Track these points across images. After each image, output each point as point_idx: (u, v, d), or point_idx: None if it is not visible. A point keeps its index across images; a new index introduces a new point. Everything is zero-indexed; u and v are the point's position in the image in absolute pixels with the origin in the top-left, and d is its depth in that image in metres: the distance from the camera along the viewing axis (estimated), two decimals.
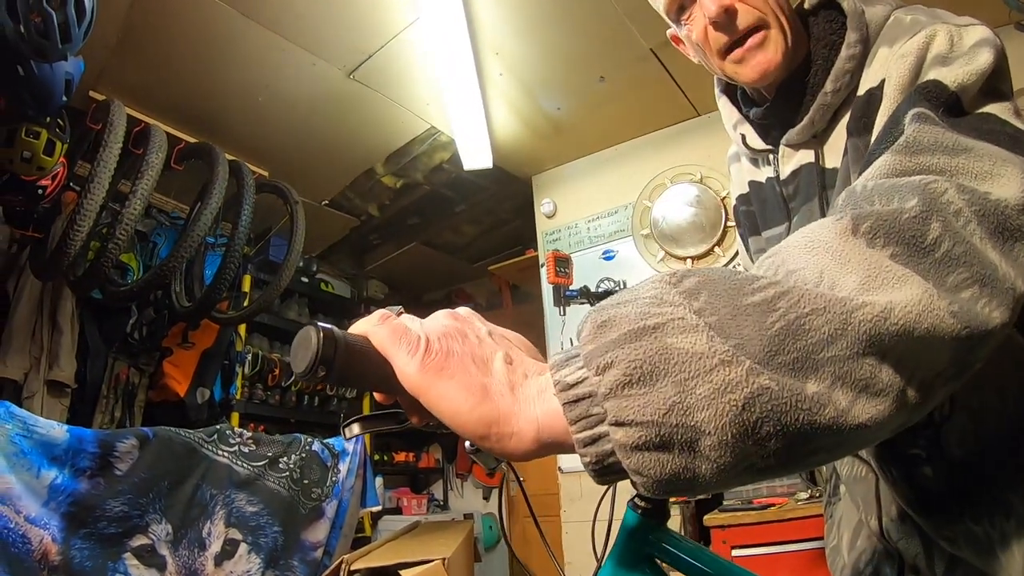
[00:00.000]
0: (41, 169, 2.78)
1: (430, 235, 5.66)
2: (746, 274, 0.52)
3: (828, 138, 1.07)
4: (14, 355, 3.42)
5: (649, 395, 0.46)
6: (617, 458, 0.47)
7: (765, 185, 1.22)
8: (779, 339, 0.47)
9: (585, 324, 0.52)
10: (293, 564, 3.34)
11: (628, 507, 1.02)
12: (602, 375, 0.47)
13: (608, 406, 0.47)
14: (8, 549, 2.35)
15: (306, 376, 0.52)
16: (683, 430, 0.45)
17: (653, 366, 0.46)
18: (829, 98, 1.02)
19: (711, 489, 0.49)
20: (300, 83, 3.66)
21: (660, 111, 4.07)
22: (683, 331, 0.47)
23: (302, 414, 5.13)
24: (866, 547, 1.09)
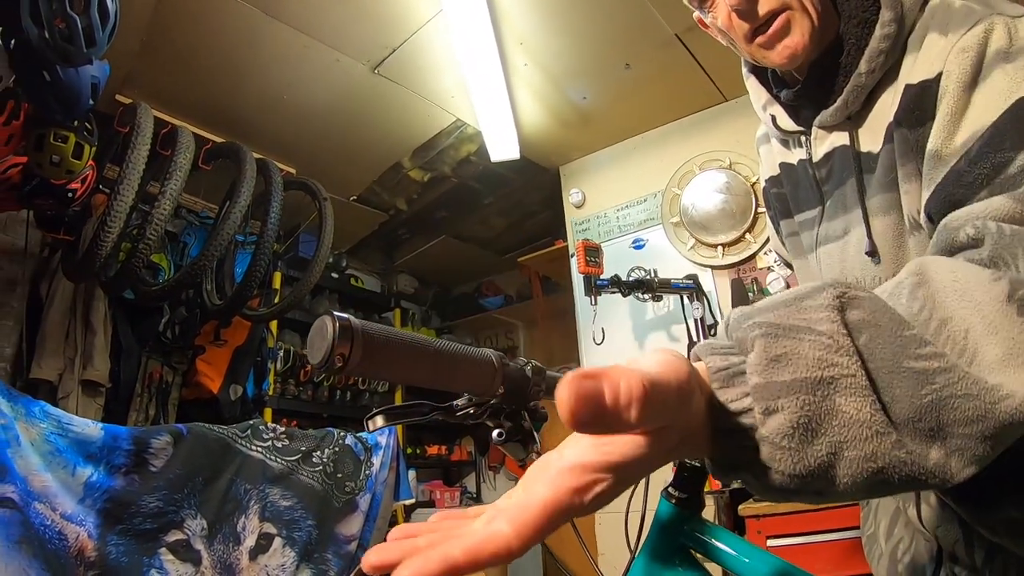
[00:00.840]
0: (70, 172, 2.80)
1: (459, 228, 5.65)
2: (911, 331, 0.52)
3: (863, 120, 1.03)
4: (48, 356, 3.47)
5: (803, 452, 0.47)
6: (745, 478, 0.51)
7: (797, 167, 1.19)
8: (926, 410, 0.49)
9: (754, 342, 0.51)
10: (327, 557, 3.36)
11: (662, 497, 1.01)
12: (767, 417, 0.48)
13: (764, 449, 0.48)
14: (45, 546, 2.39)
15: (323, 366, 0.52)
16: (819, 481, 0.48)
17: (818, 423, 0.47)
18: (864, 79, 0.99)
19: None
20: (325, 80, 3.67)
21: (687, 97, 4.02)
22: (852, 392, 0.48)
23: (334, 408, 5.16)
24: (903, 535, 1.09)
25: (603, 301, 3.52)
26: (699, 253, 3.95)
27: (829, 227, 1.12)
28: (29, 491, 2.38)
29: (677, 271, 3.76)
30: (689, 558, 0.99)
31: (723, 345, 0.54)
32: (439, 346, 0.69)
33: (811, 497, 0.50)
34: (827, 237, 1.13)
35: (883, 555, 1.14)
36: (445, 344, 0.70)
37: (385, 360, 0.60)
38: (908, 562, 1.07)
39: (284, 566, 3.17)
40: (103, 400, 3.68)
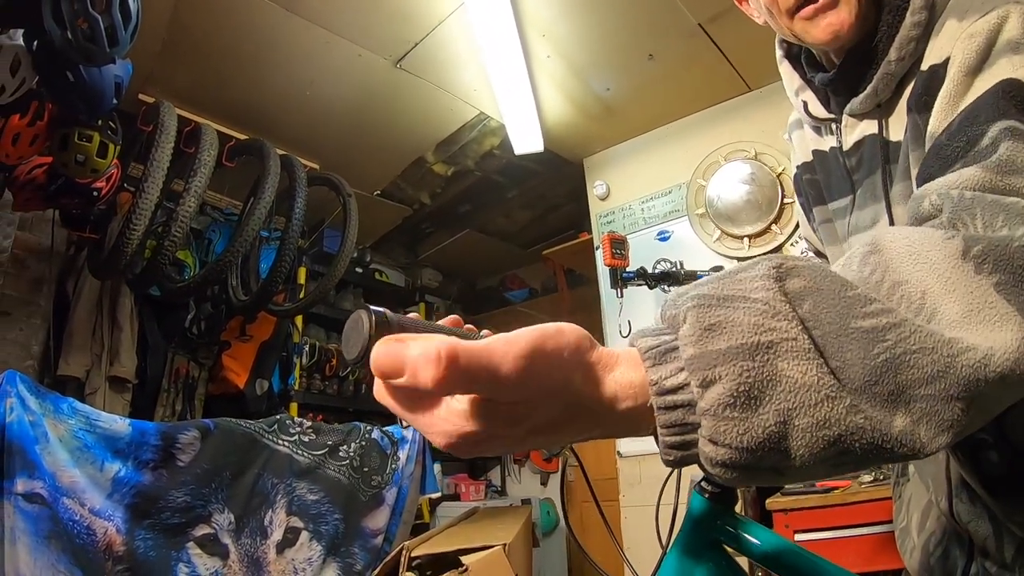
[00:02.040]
0: (95, 171, 2.81)
1: (483, 222, 5.64)
2: (855, 290, 0.50)
3: (893, 109, 1.01)
4: (76, 353, 3.52)
5: (749, 421, 0.45)
6: (698, 459, 0.48)
7: (829, 155, 1.17)
8: (881, 370, 0.47)
9: (686, 315, 0.49)
10: (354, 551, 3.38)
11: (694, 491, 1.02)
12: (705, 389, 0.46)
13: (705, 423, 0.46)
14: (73, 541, 2.42)
15: (358, 363, 0.49)
16: (773, 455, 0.46)
17: (760, 390, 0.45)
18: (893, 67, 0.97)
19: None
20: (347, 75, 3.67)
21: (711, 88, 3.97)
22: (795, 355, 0.46)
23: (360, 403, 5.17)
24: (936, 528, 1.08)
25: (629, 293, 3.49)
26: (725, 245, 3.91)
27: (859, 216, 1.11)
28: (58, 487, 2.41)
29: (703, 263, 3.71)
30: (722, 553, 0.99)
31: (654, 328, 0.52)
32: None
33: (770, 476, 0.48)
34: (857, 227, 1.12)
35: (916, 548, 1.13)
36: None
37: None
38: (940, 555, 1.06)
39: (311, 560, 3.19)
40: (130, 396, 3.72)
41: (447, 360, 0.41)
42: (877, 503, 2.56)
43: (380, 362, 0.44)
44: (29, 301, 3.56)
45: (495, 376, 0.43)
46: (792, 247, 3.67)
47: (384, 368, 0.44)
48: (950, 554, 1.04)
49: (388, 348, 0.44)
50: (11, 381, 2.40)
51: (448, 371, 0.41)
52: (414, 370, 0.42)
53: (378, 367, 0.44)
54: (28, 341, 3.53)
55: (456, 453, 0.48)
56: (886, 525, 2.47)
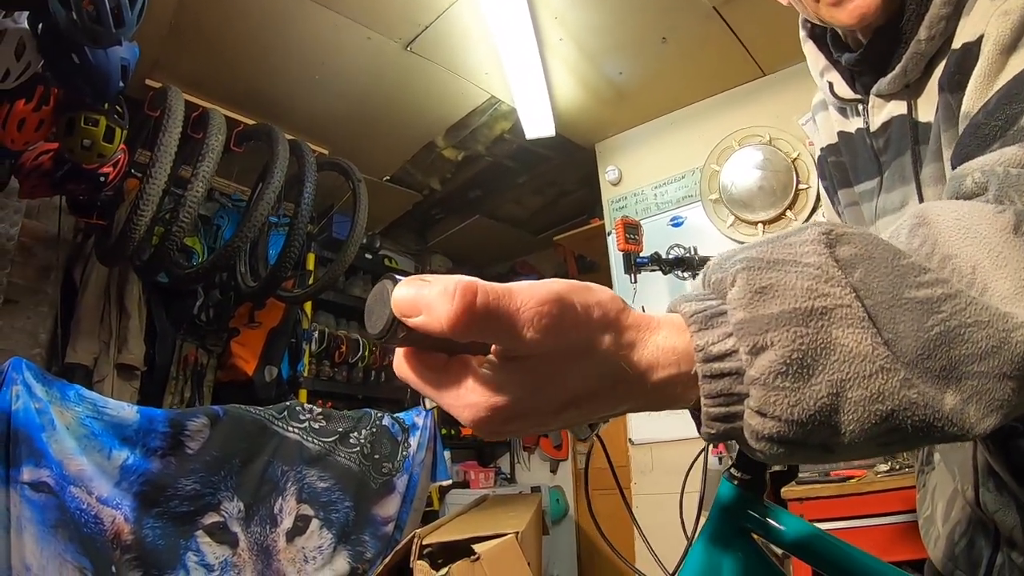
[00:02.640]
0: (102, 156, 2.78)
1: (493, 207, 5.61)
2: (909, 259, 0.48)
3: (922, 90, 0.99)
4: (84, 340, 3.50)
5: (801, 392, 0.42)
6: (742, 435, 0.45)
7: (855, 136, 1.14)
8: (934, 344, 0.44)
9: (735, 277, 0.46)
10: (364, 539, 3.37)
11: (723, 478, 1.00)
12: (755, 356, 0.43)
13: (754, 393, 0.43)
14: (81, 530, 2.41)
15: (383, 338, 0.44)
16: (823, 430, 0.43)
17: (813, 359, 0.43)
18: (923, 46, 0.94)
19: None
20: (356, 59, 3.63)
21: (725, 72, 3.92)
22: (849, 323, 0.43)
23: (369, 389, 5.17)
24: (961, 518, 1.06)
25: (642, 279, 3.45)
26: (739, 231, 3.87)
27: (887, 199, 1.08)
28: (65, 475, 2.40)
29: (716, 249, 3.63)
30: (750, 541, 0.98)
31: (697, 293, 0.49)
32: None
33: (816, 453, 0.45)
34: (885, 209, 1.10)
35: (940, 538, 1.11)
36: None
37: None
38: (965, 545, 1.05)
39: (321, 548, 3.18)
40: (138, 383, 3.72)
41: (462, 294, 0.40)
42: (893, 493, 2.55)
43: (399, 298, 0.42)
44: (36, 289, 3.54)
45: (514, 320, 0.41)
46: None
47: (402, 304, 0.41)
48: (975, 544, 1.03)
49: (409, 284, 0.42)
50: (17, 368, 2.38)
51: (464, 307, 0.39)
52: (429, 306, 0.40)
53: (397, 304, 0.42)
54: (36, 329, 3.52)
55: (485, 432, 0.45)
56: (902, 515, 2.47)
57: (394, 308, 0.42)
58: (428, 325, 0.41)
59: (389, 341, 0.44)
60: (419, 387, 0.46)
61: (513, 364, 0.43)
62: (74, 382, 2.72)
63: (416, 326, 0.41)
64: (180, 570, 2.67)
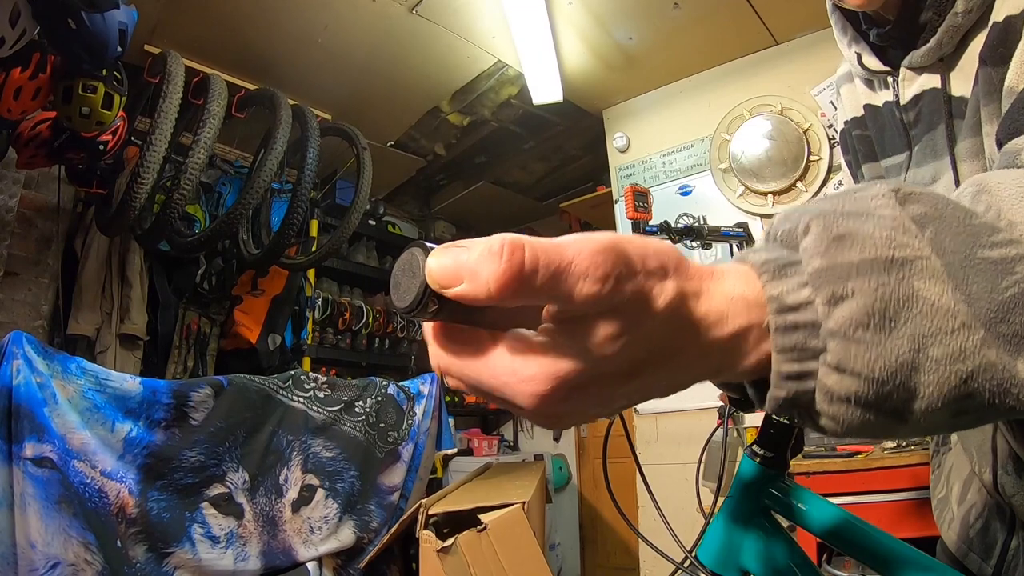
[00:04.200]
0: (100, 124, 2.72)
1: (498, 173, 5.55)
2: (981, 219, 0.44)
3: (956, 63, 0.97)
4: (85, 311, 3.48)
5: (883, 346, 0.39)
6: (812, 399, 0.41)
7: (883, 109, 1.12)
8: (1008, 307, 0.41)
9: (808, 225, 0.43)
10: (370, 508, 3.37)
11: (745, 455, 1.01)
12: (834, 306, 0.40)
13: (832, 347, 0.40)
14: (85, 504, 2.39)
15: (412, 312, 0.41)
16: (901, 391, 0.40)
17: (895, 311, 0.40)
18: (960, 19, 0.92)
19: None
20: (361, 21, 3.54)
21: (737, 40, 3.83)
22: (930, 276, 0.41)
23: (373, 357, 5.17)
24: (976, 500, 1.07)
25: None
26: (748, 201, 3.81)
27: (917, 173, 1.06)
28: (68, 449, 2.38)
29: (726, 219, 3.63)
30: (771, 521, 0.98)
31: (763, 246, 0.46)
32: None
33: (888, 422, 0.41)
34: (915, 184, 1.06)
35: (954, 519, 1.11)
36: None
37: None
38: (980, 528, 1.05)
39: (327, 518, 3.18)
40: (141, 353, 3.70)
41: (510, 252, 0.36)
42: (900, 470, 2.55)
43: (436, 268, 0.38)
44: (37, 261, 3.51)
45: (567, 274, 0.37)
46: None
47: (440, 274, 0.38)
48: (990, 527, 1.03)
49: (445, 252, 0.39)
50: (17, 342, 2.34)
51: (513, 267, 0.36)
52: (473, 272, 0.37)
53: (434, 274, 0.38)
54: (37, 301, 3.49)
55: (547, 410, 0.40)
56: (908, 492, 2.48)
57: (429, 279, 0.38)
58: (471, 293, 0.37)
59: (419, 315, 0.41)
60: (461, 371, 0.42)
61: (570, 327, 0.40)
62: (76, 353, 2.70)
63: (457, 296, 0.38)
64: (186, 542, 2.67)
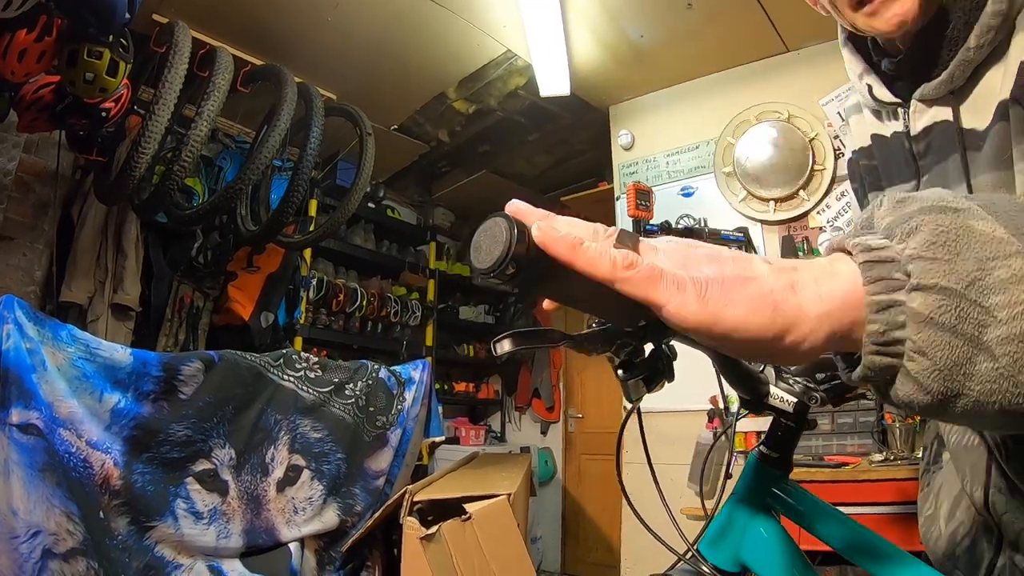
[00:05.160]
0: (104, 91, 2.69)
1: (500, 163, 5.53)
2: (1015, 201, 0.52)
3: (966, 96, 1.00)
4: (79, 279, 3.45)
5: (954, 263, 0.46)
6: (902, 335, 0.47)
7: (891, 140, 1.15)
8: None
9: (878, 207, 0.54)
10: (355, 492, 3.36)
11: (752, 455, 1.03)
12: (907, 240, 0.48)
13: (912, 268, 0.47)
14: (69, 474, 2.37)
15: (492, 273, 0.50)
16: (978, 311, 0.45)
17: (956, 238, 0.47)
18: (972, 54, 0.96)
19: (972, 415, 0.47)
20: (372, 2, 3.52)
21: (748, 44, 3.82)
22: (982, 218, 0.48)
23: (365, 340, 5.15)
24: (965, 519, 1.10)
25: None
26: (750, 206, 3.81)
27: None
28: (54, 417, 2.35)
29: (727, 223, 3.64)
30: (774, 521, 0.99)
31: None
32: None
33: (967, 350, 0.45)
34: None
35: (942, 536, 1.15)
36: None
37: (553, 274, 0.55)
38: (968, 546, 1.09)
39: (311, 499, 3.17)
40: (133, 324, 3.68)
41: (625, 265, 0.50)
42: (886, 483, 2.60)
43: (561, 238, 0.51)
44: (33, 226, 3.48)
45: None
46: (819, 215, 3.59)
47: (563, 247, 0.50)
48: (978, 545, 1.07)
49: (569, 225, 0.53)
50: (8, 306, 2.32)
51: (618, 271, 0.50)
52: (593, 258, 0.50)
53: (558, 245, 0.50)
54: (31, 266, 3.46)
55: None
56: (893, 506, 2.52)
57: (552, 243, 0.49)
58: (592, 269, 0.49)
59: (498, 277, 0.51)
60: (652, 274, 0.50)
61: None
62: (68, 321, 2.67)
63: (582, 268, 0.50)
64: (168, 517, 2.65)
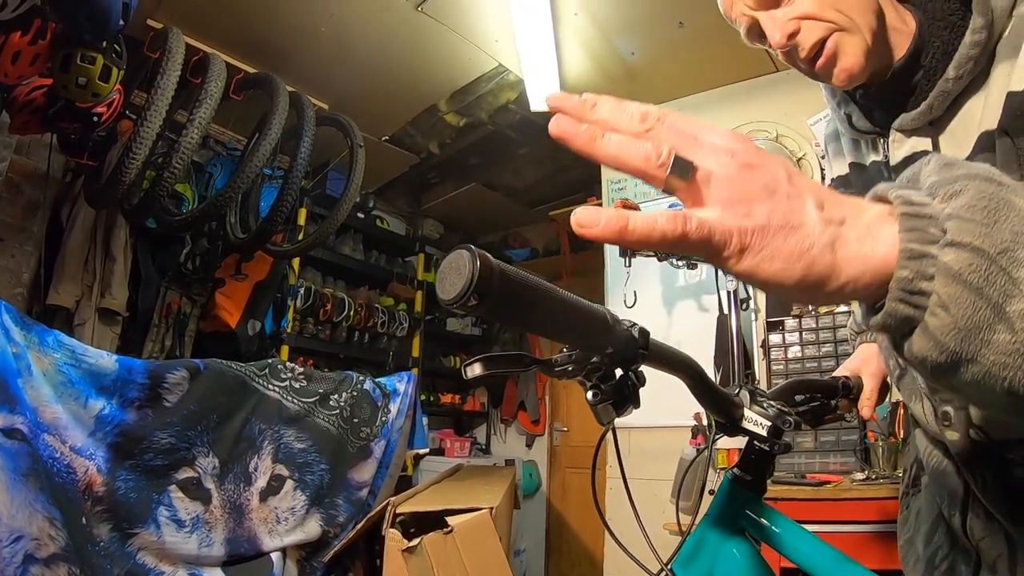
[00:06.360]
0: (96, 96, 2.69)
1: (490, 176, 5.55)
2: None
3: (945, 126, 1.01)
4: (67, 282, 3.43)
5: (991, 229, 0.47)
6: (928, 287, 0.48)
7: (869, 169, 1.16)
8: None
9: (926, 164, 0.54)
10: (338, 503, 3.35)
11: (725, 477, 1.03)
12: (949, 200, 0.49)
13: (949, 225, 0.48)
14: (52, 479, 2.35)
15: (455, 304, 0.52)
16: (1005, 279, 0.46)
17: (997, 208, 0.47)
18: (951, 85, 0.97)
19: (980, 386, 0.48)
20: (366, 13, 3.53)
21: (738, 63, 3.84)
22: (1022, 196, 0.49)
23: (351, 350, 5.14)
24: (943, 542, 1.11)
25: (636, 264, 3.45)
26: None
27: None
28: (39, 422, 2.34)
29: None
30: (747, 542, 1.00)
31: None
32: (564, 296, 0.67)
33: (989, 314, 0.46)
34: None
35: (919, 560, 1.15)
36: (568, 295, 0.68)
37: (517, 305, 0.59)
38: (945, 569, 1.09)
39: (294, 509, 3.16)
40: (119, 329, 3.65)
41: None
42: (866, 502, 2.59)
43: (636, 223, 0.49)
44: (22, 228, 3.46)
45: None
46: None
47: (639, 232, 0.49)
48: (955, 569, 1.07)
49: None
50: None
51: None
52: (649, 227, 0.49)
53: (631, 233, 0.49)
54: (19, 268, 3.44)
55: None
56: (874, 525, 2.52)
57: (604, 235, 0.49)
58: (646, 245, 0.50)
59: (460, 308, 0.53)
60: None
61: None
62: (54, 325, 2.66)
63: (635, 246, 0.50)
64: (151, 524, 2.63)
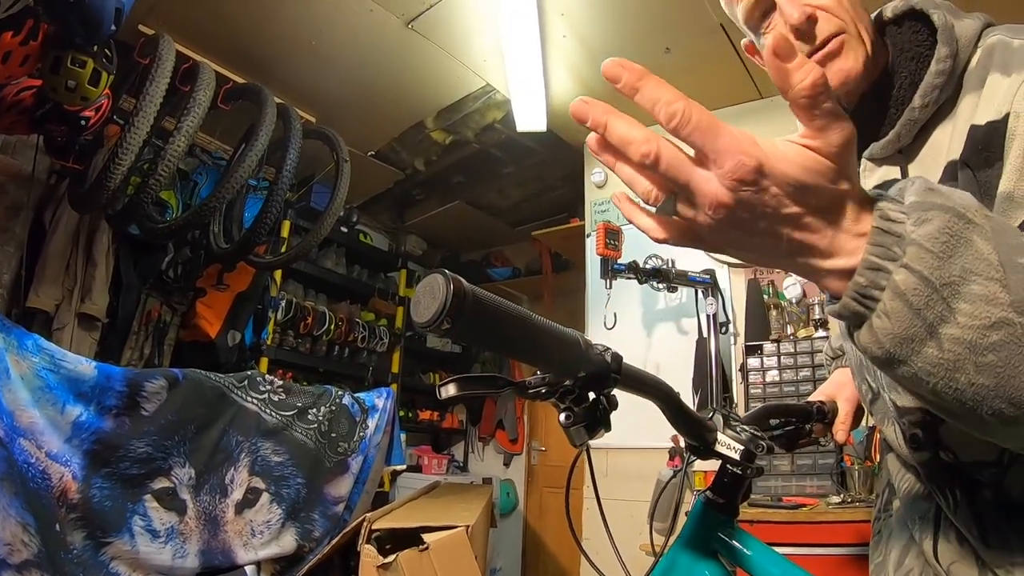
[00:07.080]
0: (85, 99, 2.68)
1: (474, 194, 5.58)
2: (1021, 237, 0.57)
3: (914, 155, 1.03)
4: (47, 285, 3.39)
5: (942, 262, 0.52)
6: (878, 295, 0.54)
7: None
8: None
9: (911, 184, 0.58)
10: (314, 517, 3.33)
11: (698, 499, 1.03)
12: (919, 226, 0.53)
13: (909, 250, 0.53)
14: (27, 484, 2.33)
15: (429, 328, 0.53)
16: (943, 307, 0.52)
17: (955, 245, 0.52)
18: (917, 113, 0.99)
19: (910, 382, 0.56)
20: (356, 29, 3.55)
21: (722, 89, 3.91)
22: (986, 238, 0.53)
23: (331, 364, 5.11)
24: (914, 566, 1.09)
25: (617, 286, 3.47)
26: None
27: None
28: (15, 427, 2.32)
29: (694, 265, 3.68)
30: (718, 564, 1.00)
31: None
32: (537, 320, 0.69)
33: (920, 332, 0.53)
34: None
35: None
36: (541, 319, 0.70)
37: (489, 329, 0.61)
38: None
39: (269, 523, 3.14)
40: (99, 335, 3.60)
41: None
42: (843, 525, 2.61)
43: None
44: (5, 228, 3.41)
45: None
46: None
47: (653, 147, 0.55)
48: None
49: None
50: None
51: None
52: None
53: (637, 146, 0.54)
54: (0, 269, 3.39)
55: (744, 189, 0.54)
56: (849, 548, 2.52)
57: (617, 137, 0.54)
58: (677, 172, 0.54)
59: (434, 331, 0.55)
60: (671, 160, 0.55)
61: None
62: (33, 328, 2.64)
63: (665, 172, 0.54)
64: (125, 533, 2.61)
